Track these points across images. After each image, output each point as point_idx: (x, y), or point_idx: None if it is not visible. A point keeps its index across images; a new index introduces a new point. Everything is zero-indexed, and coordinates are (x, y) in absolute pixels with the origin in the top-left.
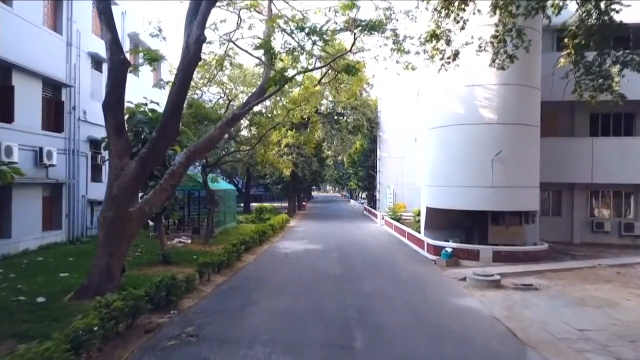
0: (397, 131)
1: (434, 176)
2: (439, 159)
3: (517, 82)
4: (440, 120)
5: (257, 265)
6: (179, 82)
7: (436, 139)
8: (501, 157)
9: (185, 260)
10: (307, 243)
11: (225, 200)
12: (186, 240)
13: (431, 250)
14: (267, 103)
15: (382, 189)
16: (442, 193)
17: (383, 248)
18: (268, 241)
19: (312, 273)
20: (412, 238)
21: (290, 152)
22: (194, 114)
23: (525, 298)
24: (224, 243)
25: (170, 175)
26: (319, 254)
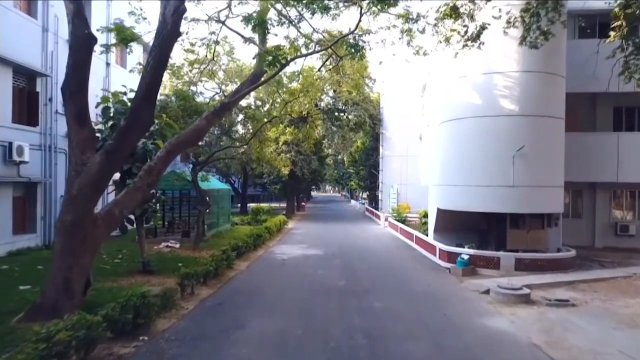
0: (401, 128)
1: (446, 175)
2: (451, 156)
3: (541, 69)
4: (453, 113)
5: (250, 275)
6: (155, 59)
7: (448, 134)
8: (523, 153)
9: (168, 269)
10: (307, 247)
11: (218, 201)
12: (174, 245)
13: (444, 256)
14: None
15: (385, 188)
16: (455, 193)
17: (389, 253)
18: (264, 245)
19: (312, 285)
20: (421, 242)
21: (289, 150)
22: (184, 106)
23: (564, 317)
24: (215, 247)
25: (147, 172)
26: (320, 261)
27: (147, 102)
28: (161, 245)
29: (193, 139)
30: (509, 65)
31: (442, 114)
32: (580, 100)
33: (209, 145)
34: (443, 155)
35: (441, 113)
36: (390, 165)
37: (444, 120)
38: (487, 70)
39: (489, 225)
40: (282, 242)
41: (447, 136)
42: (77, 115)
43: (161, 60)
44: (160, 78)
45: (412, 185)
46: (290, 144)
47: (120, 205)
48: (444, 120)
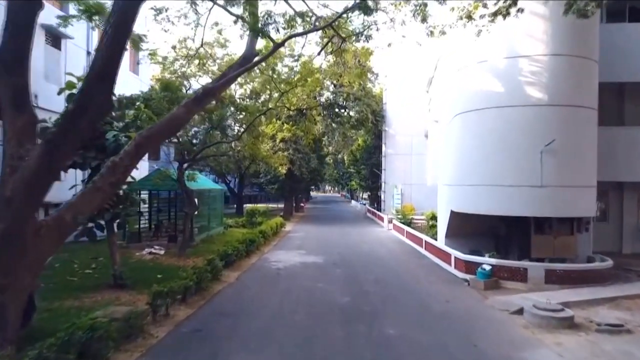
0: (405, 125)
1: (461, 173)
2: (467, 152)
3: (572, 53)
4: (470, 103)
5: (239, 289)
6: (114, 27)
7: (464, 127)
8: (552, 148)
9: (145, 282)
10: (305, 254)
11: (210, 202)
12: (158, 251)
13: (462, 266)
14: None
15: (388, 189)
16: (472, 194)
17: (397, 261)
18: (257, 251)
19: (311, 303)
20: (432, 249)
21: (287, 148)
22: (169, 97)
23: (624, 350)
24: (204, 254)
25: (110, 169)
26: (320, 271)
27: (102, 81)
28: (144, 251)
29: (169, 130)
30: (536, 48)
31: (457, 105)
32: (606, 91)
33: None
34: (457, 152)
35: (455, 104)
36: (393, 164)
37: (459, 112)
38: (510, 53)
39: (509, 231)
40: (279, 248)
41: (463, 130)
42: (14, 96)
43: (121, 29)
44: (120, 52)
45: (416, 185)
46: (288, 142)
47: (73, 209)
48: (459, 112)
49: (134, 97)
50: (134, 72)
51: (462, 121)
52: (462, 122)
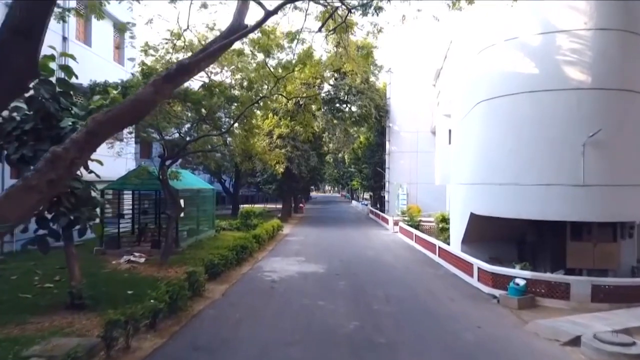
0: (410, 121)
1: (485, 170)
2: (493, 145)
3: (622, 27)
4: (495, 89)
5: (223, 310)
6: None
7: (488, 117)
8: (598, 140)
9: (111, 300)
10: (304, 262)
11: (199, 203)
12: (138, 259)
13: (488, 279)
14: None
15: (392, 188)
16: (498, 194)
17: (409, 271)
18: (251, 258)
19: (311, 329)
20: (447, 256)
21: (284, 145)
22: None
23: None
24: (189, 262)
25: (49, 163)
26: (320, 284)
27: (21, 36)
28: (122, 259)
29: (132, 114)
30: (577, 22)
31: (478, 92)
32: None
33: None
34: (479, 146)
35: (476, 91)
36: (398, 162)
37: (482, 99)
38: (545, 28)
39: (539, 236)
40: (274, 254)
41: (486, 120)
42: None
43: None
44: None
45: (422, 185)
46: (285, 138)
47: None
48: (482, 100)
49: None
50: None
51: (485, 110)
52: (485, 111)
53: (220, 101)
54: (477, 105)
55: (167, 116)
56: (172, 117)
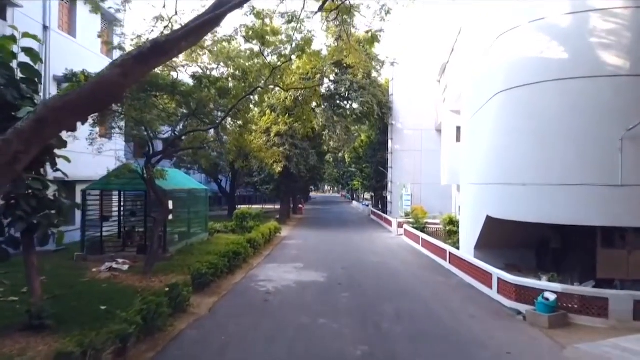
0: (414, 119)
1: (504, 169)
2: (513, 141)
3: None
4: (517, 77)
5: (208, 330)
6: None
7: (507, 109)
8: (638, 134)
9: (79, 318)
10: (302, 269)
11: (190, 204)
12: (121, 267)
13: (509, 291)
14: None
15: (395, 189)
16: (520, 196)
17: (419, 281)
18: (245, 264)
19: (309, 357)
20: (460, 263)
21: (282, 143)
22: None
23: None
24: (178, 270)
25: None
26: (321, 296)
27: None
28: (103, 267)
29: (94, 100)
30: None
31: (495, 82)
32: None
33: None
34: (496, 142)
35: (493, 81)
36: (401, 161)
37: (500, 89)
38: (576, 7)
39: (563, 242)
40: (271, 260)
41: (504, 113)
42: None
43: None
44: None
45: (427, 185)
46: (283, 136)
47: None
48: (500, 90)
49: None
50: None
51: (504, 102)
52: (504, 103)
53: (212, 94)
54: (494, 98)
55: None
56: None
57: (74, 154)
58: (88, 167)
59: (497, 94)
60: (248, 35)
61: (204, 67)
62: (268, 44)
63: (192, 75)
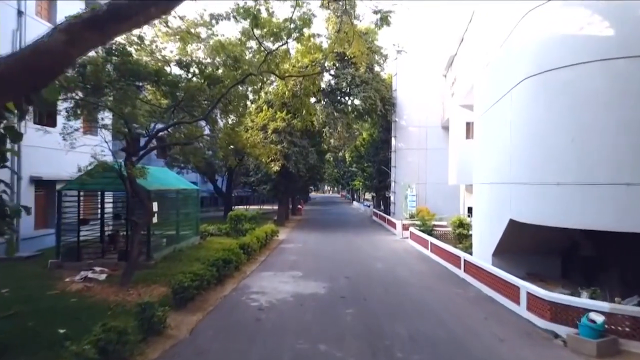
0: (419, 115)
1: (530, 167)
2: (544, 134)
3: None
4: (547, 60)
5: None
6: None
7: (534, 98)
8: None
9: (31, 344)
10: (300, 278)
11: (180, 206)
12: (98, 276)
13: (543, 310)
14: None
15: (399, 189)
16: (553, 198)
17: (433, 293)
18: (237, 273)
19: None
20: (477, 273)
21: (280, 140)
22: (119, 65)
23: None
24: (162, 280)
25: None
26: (322, 314)
27: None
28: (78, 276)
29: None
30: None
31: (520, 68)
32: None
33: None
34: (523, 135)
35: (518, 66)
36: (405, 160)
37: (527, 75)
38: None
39: (598, 249)
40: (266, 267)
41: (533, 101)
42: None
43: None
44: None
45: (432, 185)
46: (281, 133)
47: None
48: (528, 76)
49: None
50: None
51: (533, 88)
52: (533, 90)
53: (200, 83)
54: (519, 85)
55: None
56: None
57: (54, 152)
58: (74, 166)
59: (524, 80)
60: (239, 12)
61: (195, 57)
62: (262, 24)
63: (179, 62)
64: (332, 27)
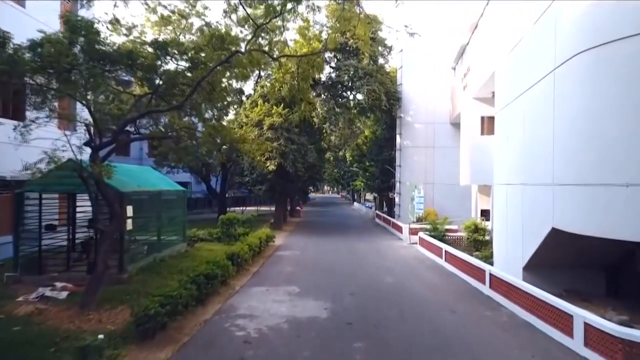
0: (426, 111)
1: (583, 164)
2: (609, 122)
3: None
4: (609, 29)
5: None
6: None
7: (594, 77)
8: None
9: None
10: (298, 296)
11: (163, 209)
12: (58, 294)
13: (611, 349)
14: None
15: (404, 190)
16: (624, 203)
17: (459, 319)
18: (224, 289)
19: None
20: (508, 291)
21: (276, 137)
22: (88, 46)
23: None
24: (131, 300)
25: None
26: (324, 351)
27: None
28: (33, 294)
29: None
30: None
31: (567, 43)
32: None
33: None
34: (574, 123)
35: (565, 41)
36: (410, 159)
37: (586, 47)
38: None
39: None
40: (258, 280)
41: (592, 81)
42: None
43: None
44: None
45: (440, 185)
46: (278, 129)
47: None
48: (586, 49)
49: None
50: None
51: (592, 64)
52: (593, 66)
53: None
54: (568, 63)
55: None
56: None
57: (26, 148)
58: None
59: (575, 55)
60: None
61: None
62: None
63: (154, 42)
64: (333, 15)
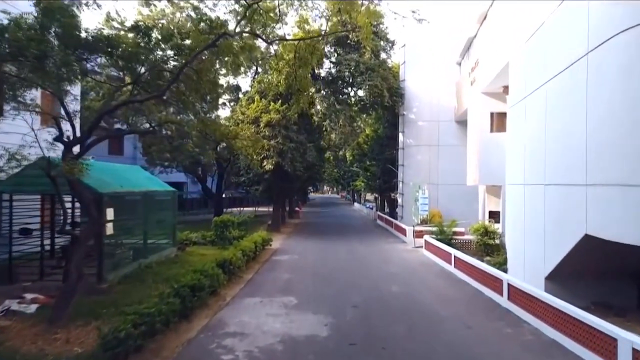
0: (429, 108)
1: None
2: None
3: None
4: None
5: None
6: None
7: (637, 59)
8: None
9: None
10: (295, 309)
11: (150, 211)
12: (26, 308)
13: None
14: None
15: (408, 190)
16: None
17: (476, 337)
18: (214, 300)
19: None
20: (530, 304)
21: (274, 135)
22: (63, 30)
23: None
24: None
25: None
26: None
27: None
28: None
29: None
30: None
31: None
32: None
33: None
34: (615, 113)
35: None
36: (414, 158)
37: (624, 27)
38: None
39: None
40: (252, 289)
41: (634, 64)
42: None
43: None
44: None
45: (444, 186)
46: (276, 126)
47: None
48: (624, 29)
49: None
50: None
51: (633, 46)
52: (634, 48)
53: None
54: (608, 43)
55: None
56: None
57: None
58: None
59: (616, 35)
60: None
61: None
62: None
63: (134, 26)
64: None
